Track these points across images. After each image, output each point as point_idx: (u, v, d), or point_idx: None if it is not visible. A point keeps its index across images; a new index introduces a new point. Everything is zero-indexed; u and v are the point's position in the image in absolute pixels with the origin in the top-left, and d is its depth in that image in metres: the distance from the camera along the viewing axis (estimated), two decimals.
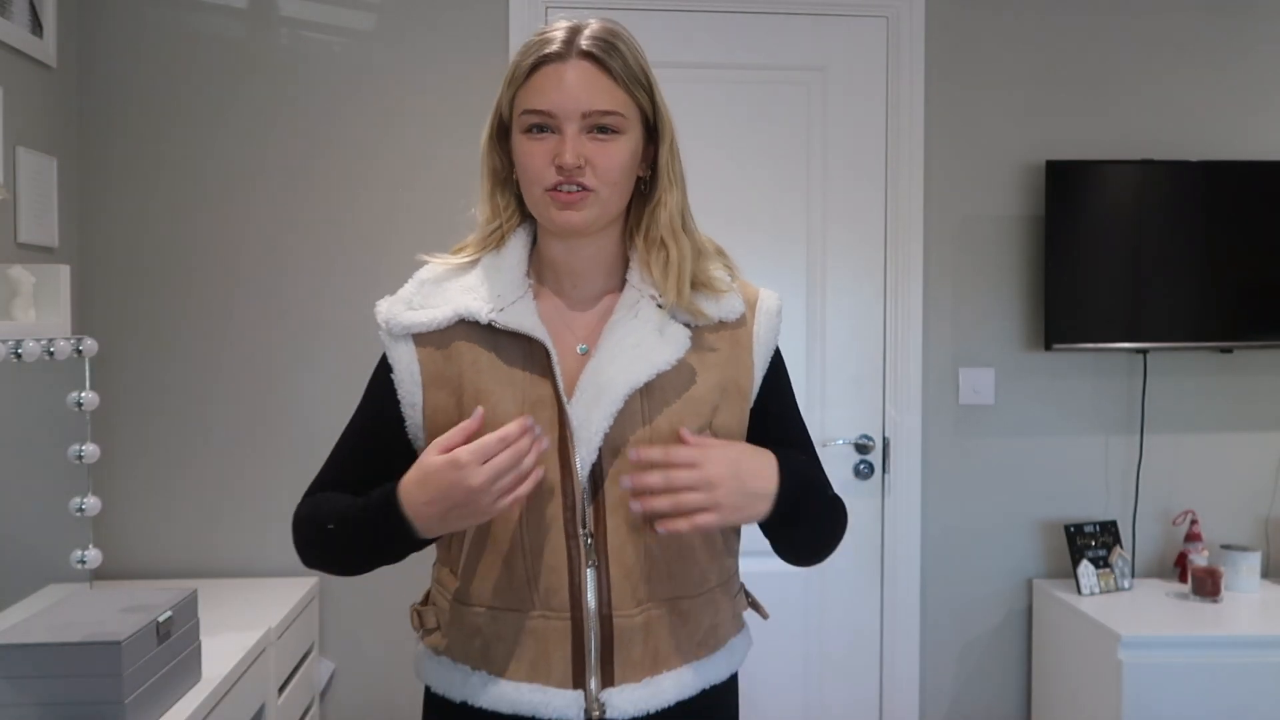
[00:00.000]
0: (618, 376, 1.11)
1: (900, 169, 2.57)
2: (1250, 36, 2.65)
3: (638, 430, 1.12)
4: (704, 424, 1.15)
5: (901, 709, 2.62)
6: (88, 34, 2.38)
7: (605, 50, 1.11)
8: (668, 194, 1.16)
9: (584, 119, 1.09)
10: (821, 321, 2.59)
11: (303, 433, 2.43)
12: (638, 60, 1.13)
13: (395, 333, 1.17)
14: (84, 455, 1.90)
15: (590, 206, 1.11)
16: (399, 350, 1.16)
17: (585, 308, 1.19)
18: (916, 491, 2.61)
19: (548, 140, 1.10)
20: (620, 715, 1.12)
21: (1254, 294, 2.54)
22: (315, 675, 2.38)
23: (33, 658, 1.40)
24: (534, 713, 1.13)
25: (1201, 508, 2.64)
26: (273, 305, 2.45)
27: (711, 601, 1.20)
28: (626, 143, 1.12)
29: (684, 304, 1.15)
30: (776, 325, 1.23)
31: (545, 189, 1.11)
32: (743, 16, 2.53)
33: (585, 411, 1.11)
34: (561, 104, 1.09)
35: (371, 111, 2.45)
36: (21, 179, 2.09)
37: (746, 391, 1.19)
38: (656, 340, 1.13)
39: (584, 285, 1.19)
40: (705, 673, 1.19)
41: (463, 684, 1.16)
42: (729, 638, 1.24)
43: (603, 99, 1.10)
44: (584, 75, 1.09)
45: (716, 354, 1.17)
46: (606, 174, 1.11)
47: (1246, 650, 2.23)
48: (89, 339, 1.89)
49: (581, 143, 1.09)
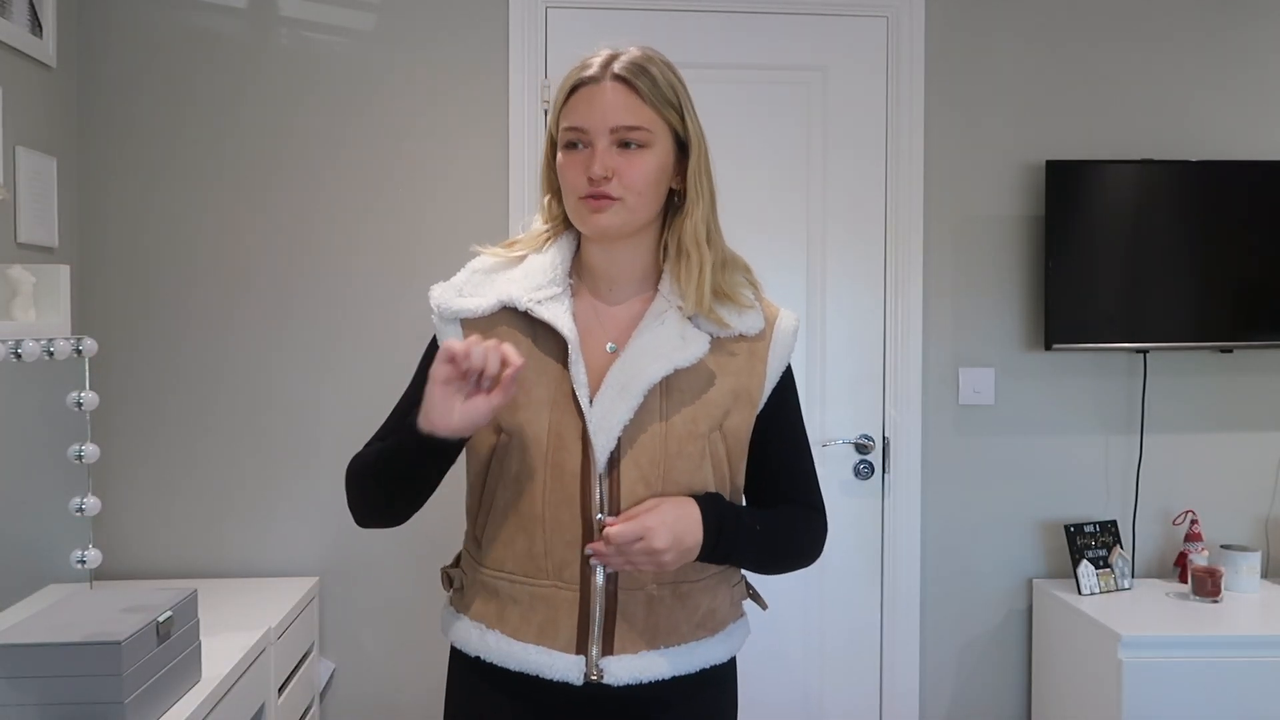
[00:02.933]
0: (639, 375, 1.23)
1: (900, 169, 2.57)
2: (1250, 36, 2.65)
3: (653, 423, 1.23)
4: (715, 424, 1.26)
5: (901, 708, 2.62)
6: (88, 34, 2.38)
7: (635, 73, 1.23)
8: (695, 206, 1.27)
9: (612, 134, 1.22)
10: (821, 321, 2.59)
11: (303, 432, 2.43)
12: (669, 82, 1.26)
13: (445, 317, 1.29)
14: (84, 455, 1.89)
15: (616, 212, 1.23)
16: (448, 334, 1.29)
17: (619, 309, 1.31)
18: (916, 491, 2.61)
19: (582, 154, 1.23)
20: (615, 681, 1.24)
21: (1254, 294, 2.54)
22: (315, 675, 2.38)
23: (33, 658, 1.40)
24: (539, 672, 1.25)
25: (1201, 508, 2.64)
26: (273, 305, 2.45)
27: (711, 588, 1.31)
28: (653, 156, 1.24)
29: (704, 311, 1.27)
30: (791, 344, 1.34)
31: (580, 197, 1.24)
32: (743, 16, 2.53)
33: (609, 404, 1.23)
34: (592, 121, 1.22)
35: (372, 111, 2.45)
36: (21, 179, 2.09)
37: (756, 401, 1.30)
38: (678, 343, 1.25)
39: (619, 289, 1.31)
40: (702, 653, 1.29)
41: (480, 641, 1.28)
42: (727, 623, 1.34)
43: (629, 116, 1.22)
44: (614, 95, 1.22)
45: (734, 361, 1.29)
46: (632, 184, 1.23)
47: (1246, 650, 2.23)
48: (89, 339, 1.89)
49: (610, 155, 1.22)
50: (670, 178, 1.28)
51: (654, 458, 1.23)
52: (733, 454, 1.30)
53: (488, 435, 1.27)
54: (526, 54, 2.47)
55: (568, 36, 2.49)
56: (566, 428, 1.23)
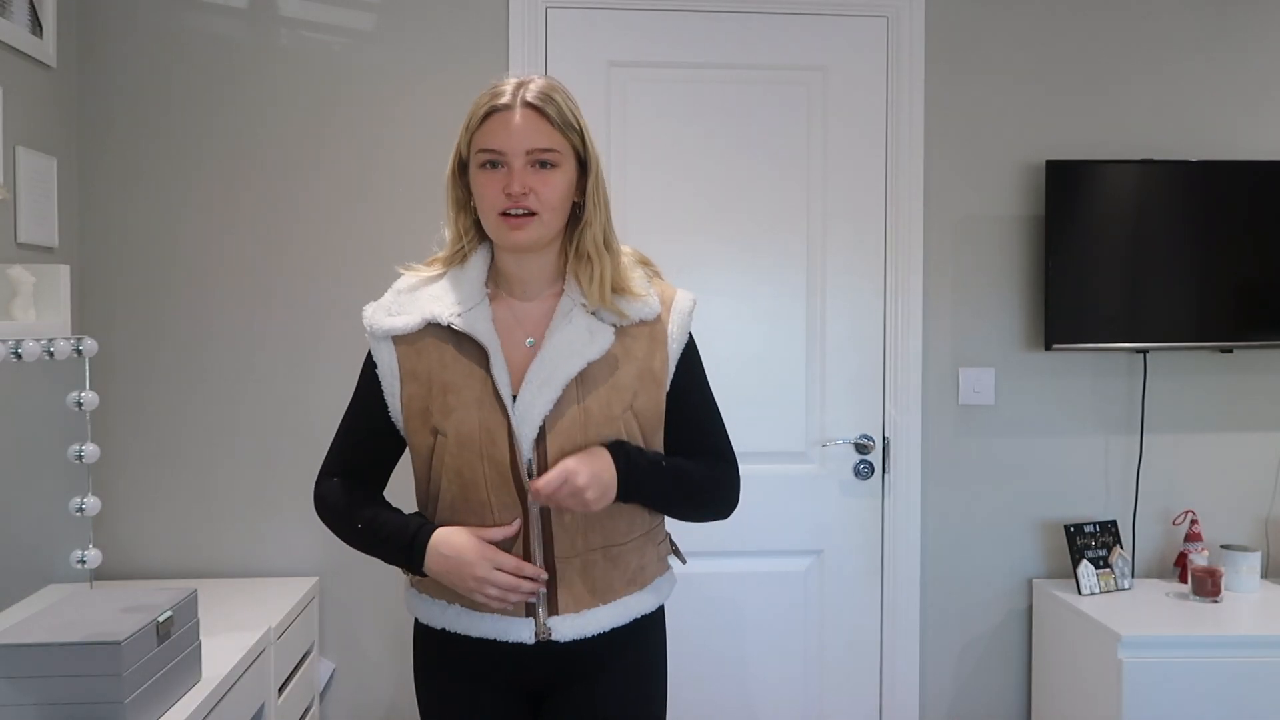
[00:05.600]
0: (556, 371, 1.38)
1: (900, 169, 2.57)
2: (1250, 36, 2.65)
3: (571, 409, 1.39)
4: (626, 406, 1.42)
5: (901, 709, 2.62)
6: (88, 34, 2.38)
7: (544, 101, 1.38)
8: (594, 216, 1.43)
9: (528, 155, 1.36)
10: (821, 321, 2.59)
11: (302, 432, 2.43)
12: (571, 109, 1.41)
13: (377, 335, 1.43)
14: (84, 455, 1.89)
15: (534, 227, 1.38)
16: (381, 350, 1.44)
17: (532, 306, 1.46)
18: (916, 492, 2.61)
19: (499, 173, 1.37)
20: (562, 637, 1.42)
21: (1254, 294, 2.54)
22: (315, 675, 2.38)
23: (33, 658, 1.40)
24: (496, 635, 1.43)
25: (1201, 508, 2.64)
26: (272, 305, 2.45)
27: (639, 548, 1.49)
28: (563, 175, 1.39)
29: (607, 305, 1.42)
30: (687, 322, 1.48)
31: (498, 213, 1.37)
32: (743, 16, 2.53)
33: (531, 397, 1.38)
34: (510, 143, 1.36)
35: (372, 112, 2.45)
36: (21, 179, 2.09)
37: (661, 379, 1.45)
38: (587, 339, 1.41)
39: (531, 290, 1.46)
40: (634, 605, 1.47)
41: (441, 614, 1.46)
42: (654, 577, 1.52)
43: (543, 139, 1.37)
44: (527, 121, 1.36)
45: (638, 345, 1.44)
46: (547, 200, 1.38)
47: (1246, 650, 2.23)
48: (89, 339, 1.89)
49: (526, 174, 1.36)
50: (573, 193, 1.43)
51: (575, 440, 1.39)
52: (646, 430, 1.45)
53: (426, 437, 1.42)
54: (526, 54, 2.47)
55: (568, 36, 2.49)
56: (495, 423, 1.38)
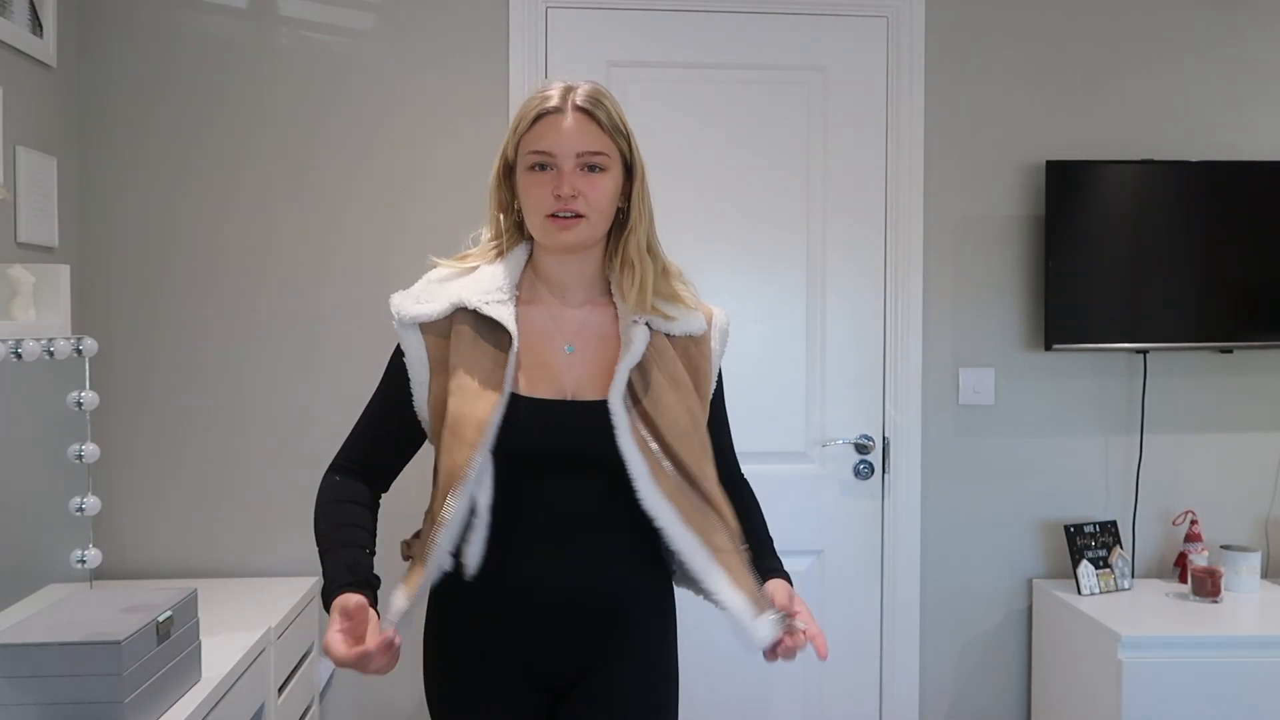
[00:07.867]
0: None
1: (900, 169, 2.57)
2: (1251, 36, 2.65)
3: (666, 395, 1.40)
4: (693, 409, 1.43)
5: (901, 709, 2.62)
6: (88, 34, 2.38)
7: (594, 105, 1.38)
8: (639, 222, 1.43)
9: (578, 158, 1.37)
10: (821, 321, 2.59)
11: (303, 432, 2.44)
12: (619, 114, 1.41)
13: (405, 322, 1.41)
14: (84, 455, 1.89)
15: (581, 229, 1.38)
16: (409, 338, 1.41)
17: (575, 313, 1.46)
18: (916, 492, 2.61)
19: (548, 175, 1.37)
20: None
21: (1254, 294, 2.54)
22: (315, 675, 2.38)
23: (33, 658, 1.40)
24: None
25: (1201, 508, 2.64)
26: (273, 304, 2.45)
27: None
28: (610, 179, 1.40)
29: (647, 310, 1.42)
30: (726, 339, 1.52)
31: (546, 215, 1.37)
32: (743, 16, 2.53)
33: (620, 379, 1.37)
34: (560, 146, 1.36)
35: (372, 111, 2.45)
36: (21, 179, 2.09)
37: (706, 394, 1.48)
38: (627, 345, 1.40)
39: (570, 295, 1.46)
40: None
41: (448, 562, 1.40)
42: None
43: (593, 142, 1.37)
44: (578, 124, 1.37)
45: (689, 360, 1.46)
46: (595, 202, 1.38)
47: (1246, 650, 2.23)
48: (89, 339, 1.89)
49: (575, 177, 1.36)
50: (618, 198, 1.43)
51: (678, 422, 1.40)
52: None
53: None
54: (526, 54, 2.47)
55: (568, 36, 2.49)
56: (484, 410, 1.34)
